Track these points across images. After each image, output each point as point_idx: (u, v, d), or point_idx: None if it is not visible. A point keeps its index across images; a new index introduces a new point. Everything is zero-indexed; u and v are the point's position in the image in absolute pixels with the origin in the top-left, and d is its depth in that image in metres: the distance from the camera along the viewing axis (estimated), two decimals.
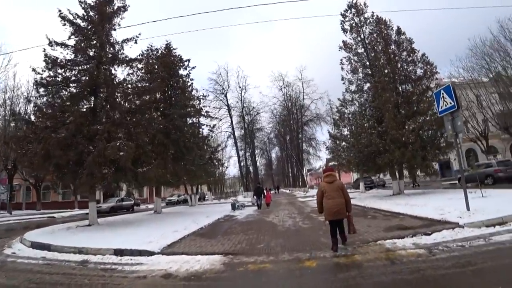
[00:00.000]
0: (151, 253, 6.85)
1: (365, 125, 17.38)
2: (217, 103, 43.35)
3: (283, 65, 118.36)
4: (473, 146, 33.80)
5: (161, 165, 14.77)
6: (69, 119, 12.46)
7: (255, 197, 18.94)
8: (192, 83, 21.49)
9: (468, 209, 7.95)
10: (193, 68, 20.79)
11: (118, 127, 13.10)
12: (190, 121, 20.31)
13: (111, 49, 14.75)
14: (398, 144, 15.82)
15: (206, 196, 44.27)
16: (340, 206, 5.74)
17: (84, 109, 13.47)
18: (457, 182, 25.04)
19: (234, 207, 18.71)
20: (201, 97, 30.25)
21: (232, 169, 75.97)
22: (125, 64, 15.01)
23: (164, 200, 47.41)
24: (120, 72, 15.53)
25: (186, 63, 20.47)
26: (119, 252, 7.08)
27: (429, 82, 18.05)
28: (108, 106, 13.87)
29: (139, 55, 15.51)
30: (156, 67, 19.47)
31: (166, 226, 11.49)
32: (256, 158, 63.61)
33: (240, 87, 46.07)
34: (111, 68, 14.35)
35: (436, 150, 16.69)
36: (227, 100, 44.17)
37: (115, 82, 14.07)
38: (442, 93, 8.61)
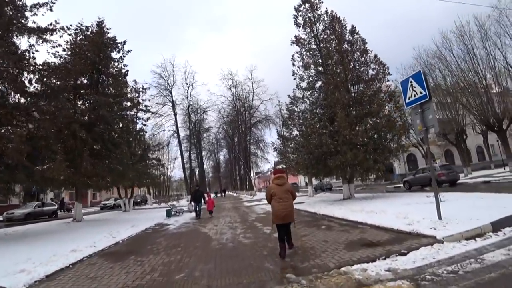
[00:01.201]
0: None
1: (316, 125, 16.09)
2: (160, 99, 39.98)
3: (233, 64, 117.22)
4: (414, 151, 35.00)
5: (74, 162, 11.91)
6: None
7: (192, 203, 15.09)
8: (127, 71, 18.52)
9: (440, 217, 6.64)
10: (128, 51, 17.84)
11: (14, 111, 10.11)
12: (123, 114, 17.33)
13: (15, 14, 11.68)
14: (350, 146, 14.73)
15: (148, 200, 40.63)
16: (288, 210, 5.66)
17: None
18: (401, 185, 25.20)
19: (169, 214, 16.24)
20: (141, 89, 27.63)
21: (177, 171, 71.81)
22: (34, 35, 12.00)
23: (99, 204, 43.11)
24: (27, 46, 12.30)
25: (120, 45, 17.49)
26: None
27: (381, 83, 17.37)
28: (6, 84, 10.78)
29: (50, 24, 12.47)
30: (84, 47, 16.31)
31: (71, 241, 8.94)
32: (203, 160, 60.97)
33: (187, 84, 43.13)
34: (10, 35, 11.26)
35: (387, 152, 15.94)
36: (172, 96, 40.95)
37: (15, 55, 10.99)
38: (411, 82, 7.28)
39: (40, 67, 11.76)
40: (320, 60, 18.19)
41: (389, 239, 6.02)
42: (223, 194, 51.45)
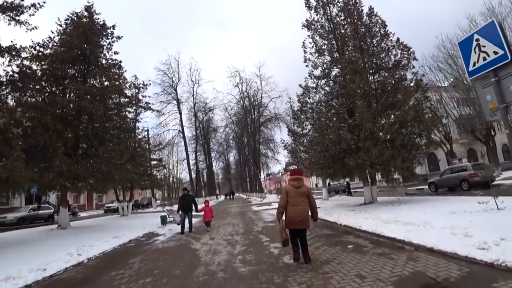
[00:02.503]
0: None
1: (333, 117, 13.83)
2: (164, 97, 38.22)
3: (240, 63, 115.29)
4: (434, 150, 32.25)
5: (45, 160, 10.01)
6: None
7: (180, 212, 11.37)
8: (120, 62, 16.54)
9: None
10: (118, 38, 15.88)
11: None
12: (113, 108, 15.37)
13: None
14: (373, 141, 12.48)
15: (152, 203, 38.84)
16: (304, 215, 5.20)
17: None
18: (424, 187, 22.64)
19: (164, 221, 14.24)
20: (141, 85, 25.88)
21: (186, 173, 70.07)
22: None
23: (103, 207, 41.67)
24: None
25: (109, 30, 15.55)
26: None
27: (406, 70, 14.99)
28: None
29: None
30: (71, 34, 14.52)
31: (22, 260, 7.00)
32: (212, 161, 59.09)
33: (192, 81, 41.28)
34: None
35: (416, 149, 13.60)
36: (176, 94, 39.18)
37: None
38: (477, 40, 5.03)
39: (7, 48, 9.91)
40: (335, 45, 15.97)
41: (463, 277, 3.81)
42: (231, 196, 49.27)
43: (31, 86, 12.24)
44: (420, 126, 13.54)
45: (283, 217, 5.32)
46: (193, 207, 11.24)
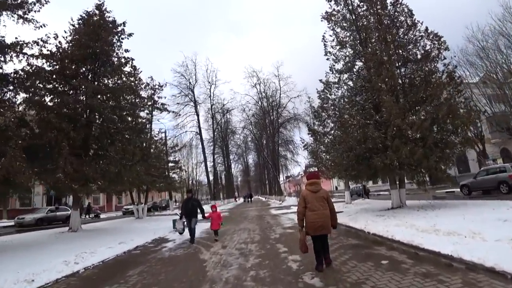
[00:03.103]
0: None
1: (357, 114, 12.65)
2: (181, 99, 37.88)
3: (257, 63, 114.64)
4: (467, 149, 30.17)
5: (51, 160, 9.48)
6: None
7: (183, 219, 10.18)
8: (132, 59, 16.04)
9: None
10: (130, 35, 15.36)
11: None
12: (125, 107, 14.82)
13: None
14: (403, 139, 11.28)
15: (170, 205, 38.53)
16: (324, 220, 4.95)
17: None
18: (454, 190, 20.96)
19: (175, 224, 13.51)
20: (157, 87, 25.50)
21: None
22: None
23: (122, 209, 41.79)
24: None
25: (119, 28, 15.07)
26: None
27: (436, 62, 13.63)
28: None
29: None
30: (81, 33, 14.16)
31: (21, 265, 6.35)
32: (231, 163, 58.52)
33: (209, 82, 40.79)
34: None
35: (451, 148, 12.27)
36: (193, 95, 38.78)
37: None
38: None
39: (10, 45, 9.47)
40: (357, 37, 14.83)
41: None
42: (249, 199, 48.38)
43: (41, 85, 11.88)
44: (454, 122, 12.21)
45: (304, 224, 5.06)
46: (199, 213, 9.76)
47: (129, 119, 15.12)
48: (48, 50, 12.07)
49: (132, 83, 15.78)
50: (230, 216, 20.70)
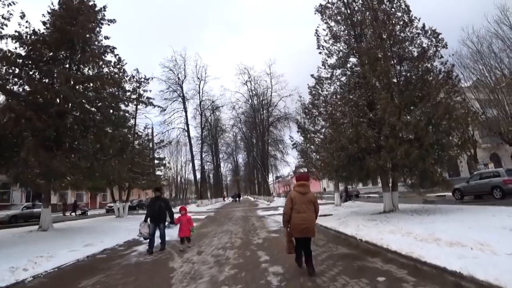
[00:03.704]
0: None
1: (350, 111, 11.89)
2: (168, 94, 36.69)
3: (251, 60, 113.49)
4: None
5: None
6: None
7: (147, 223, 8.02)
8: (113, 48, 15.01)
9: None
10: (111, 21, 14.23)
11: None
12: (103, 98, 13.76)
13: None
14: (398, 139, 10.57)
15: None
16: (309, 223, 4.92)
17: None
18: (446, 194, 20.44)
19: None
20: (143, 79, 24.48)
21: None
22: None
23: (105, 206, 40.44)
24: None
25: (99, 12, 13.99)
26: None
27: (433, 60, 12.98)
28: None
29: None
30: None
31: None
32: (220, 162, 57.47)
33: (198, 78, 39.58)
34: None
35: (448, 150, 11.62)
36: (182, 90, 37.61)
37: None
38: None
39: None
40: (352, 33, 14.10)
41: None
42: (237, 199, 47.37)
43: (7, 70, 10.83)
44: (451, 123, 11.56)
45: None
46: (167, 217, 8.19)
47: (110, 111, 14.11)
48: (16, 31, 11.00)
49: (116, 74, 14.76)
50: (214, 217, 19.80)
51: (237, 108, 42.84)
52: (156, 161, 27.37)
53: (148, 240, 8.07)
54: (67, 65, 12.99)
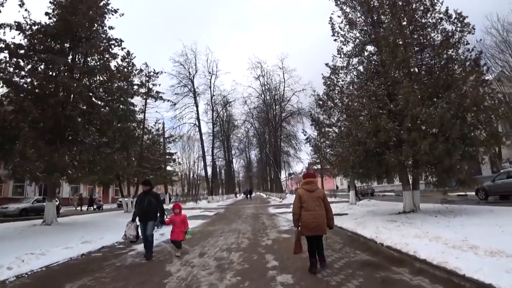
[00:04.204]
0: None
1: (370, 102, 10.95)
2: (180, 89, 36.24)
3: (262, 56, 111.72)
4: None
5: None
6: None
7: (135, 223, 6.80)
8: (121, 41, 14.53)
9: None
10: (115, 11, 13.70)
11: None
12: (108, 90, 13.27)
13: None
14: (422, 133, 9.63)
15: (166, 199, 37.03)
16: (320, 220, 4.78)
17: None
18: (471, 193, 19.15)
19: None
20: (152, 73, 24.06)
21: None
22: None
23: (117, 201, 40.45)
24: None
25: (104, 1, 13.46)
26: None
27: (458, 47, 11.86)
28: None
29: None
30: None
31: None
32: (233, 158, 56.96)
33: (209, 73, 39.03)
34: None
35: (479, 146, 10.60)
36: (193, 85, 37.13)
37: None
38: None
39: None
40: (369, 18, 13.12)
41: None
42: (249, 196, 46.76)
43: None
44: (479, 116, 10.53)
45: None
46: (159, 215, 6.72)
47: (117, 105, 13.63)
48: (16, 22, 10.56)
49: (125, 68, 14.28)
50: (224, 214, 19.19)
51: (249, 103, 42.11)
52: (167, 157, 26.96)
53: (133, 243, 7.26)
54: (71, 57, 12.55)
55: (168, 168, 28.45)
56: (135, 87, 22.33)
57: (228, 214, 18.87)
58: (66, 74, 10.52)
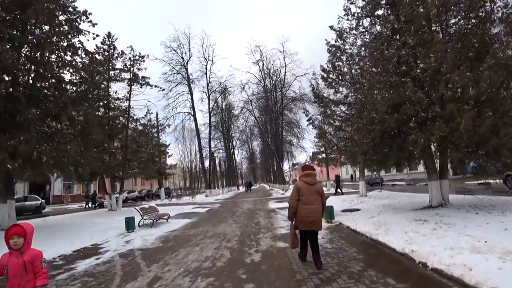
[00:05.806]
0: None
1: (389, 67, 8.56)
2: (173, 76, 33.84)
3: (262, 39, 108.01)
4: None
5: None
6: None
7: None
8: (86, 13, 12.43)
9: None
10: None
11: None
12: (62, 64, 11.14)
13: None
14: (460, 104, 7.32)
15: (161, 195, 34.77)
16: (317, 215, 4.69)
17: None
18: (496, 181, 16.56)
19: (130, 226, 9.85)
20: (138, 57, 21.83)
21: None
22: None
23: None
24: None
25: None
26: None
27: (494, 2, 9.35)
28: None
29: None
30: None
31: None
32: (234, 149, 54.74)
33: (205, 58, 36.43)
34: None
35: None
36: (187, 72, 34.67)
37: None
38: None
39: None
40: None
41: None
42: (248, 188, 44.43)
43: None
44: None
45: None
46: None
47: (84, 86, 11.53)
48: None
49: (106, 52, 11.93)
50: (217, 210, 17.02)
51: (248, 89, 39.56)
52: (161, 148, 24.85)
53: None
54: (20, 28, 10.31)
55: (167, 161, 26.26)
56: (117, 71, 20.26)
57: (222, 210, 16.70)
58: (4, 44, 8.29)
